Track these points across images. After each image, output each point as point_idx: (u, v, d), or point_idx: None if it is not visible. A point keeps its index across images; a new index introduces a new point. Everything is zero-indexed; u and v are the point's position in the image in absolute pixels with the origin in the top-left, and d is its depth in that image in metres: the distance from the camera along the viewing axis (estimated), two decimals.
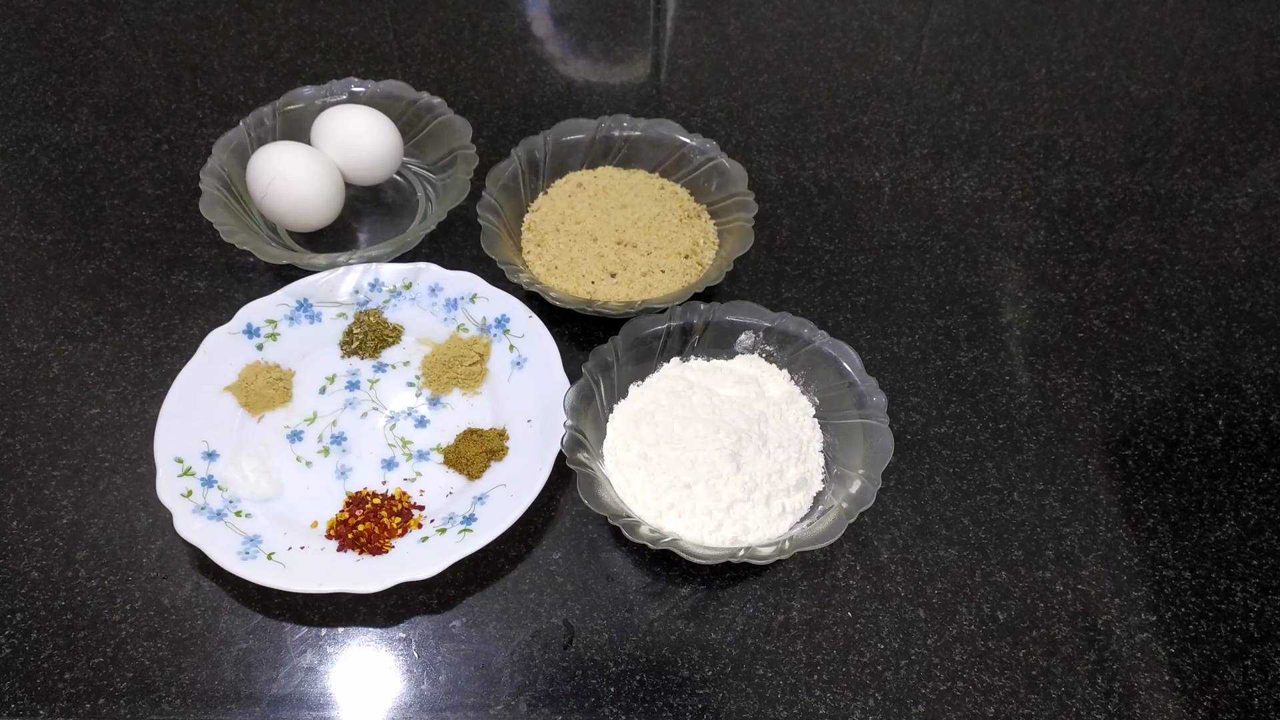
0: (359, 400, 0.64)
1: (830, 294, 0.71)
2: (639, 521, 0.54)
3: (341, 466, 0.61)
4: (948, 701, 0.52)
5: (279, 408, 0.63)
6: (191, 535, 0.55)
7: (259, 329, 0.65)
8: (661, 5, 0.95)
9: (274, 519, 0.57)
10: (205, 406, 0.61)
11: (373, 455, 0.61)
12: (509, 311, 0.65)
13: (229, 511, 0.57)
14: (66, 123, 0.83)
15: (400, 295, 0.67)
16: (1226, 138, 0.83)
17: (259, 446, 0.61)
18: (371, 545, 0.56)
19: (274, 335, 0.65)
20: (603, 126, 0.74)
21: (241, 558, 0.54)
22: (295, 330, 0.65)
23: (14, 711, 0.51)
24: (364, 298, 0.67)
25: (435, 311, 0.67)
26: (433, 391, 0.64)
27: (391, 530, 0.57)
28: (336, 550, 0.56)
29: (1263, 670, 0.53)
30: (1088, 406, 0.64)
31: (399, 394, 0.64)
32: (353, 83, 0.77)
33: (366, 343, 0.65)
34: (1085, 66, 0.89)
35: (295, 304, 0.66)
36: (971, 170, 0.80)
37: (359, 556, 0.56)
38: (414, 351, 0.66)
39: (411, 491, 0.59)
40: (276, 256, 0.67)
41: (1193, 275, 0.72)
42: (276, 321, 0.65)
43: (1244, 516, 0.59)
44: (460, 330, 0.66)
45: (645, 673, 0.53)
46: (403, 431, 0.62)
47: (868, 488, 0.54)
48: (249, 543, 0.55)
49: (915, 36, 0.93)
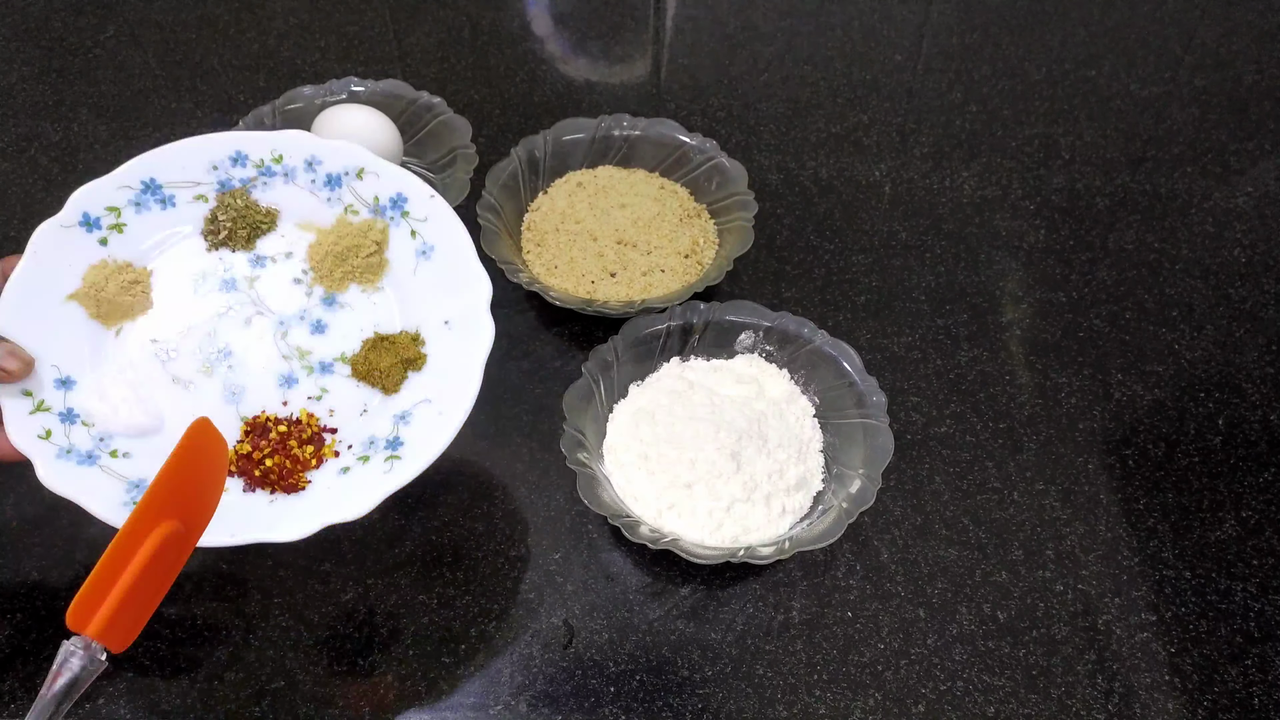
0: (239, 304, 0.55)
1: (830, 294, 0.71)
2: (639, 521, 0.54)
3: (231, 386, 0.53)
4: (948, 701, 0.52)
5: (139, 316, 0.54)
6: (61, 487, 0.47)
7: (98, 219, 0.53)
8: (661, 5, 0.95)
9: (159, 456, 0.48)
10: (47, 321, 0.51)
11: (266, 371, 0.54)
12: (405, 190, 0.56)
13: (101, 452, 0.49)
14: (66, 123, 0.83)
15: (270, 172, 0.56)
16: (1226, 137, 0.83)
17: (124, 369, 0.52)
18: (284, 482, 0.50)
19: (119, 226, 0.54)
20: (603, 126, 0.74)
21: (128, 509, 0.47)
22: (144, 219, 0.54)
23: (14, 712, 0.51)
24: (224, 175, 0.55)
25: (316, 190, 0.56)
26: (326, 289, 0.56)
27: (305, 462, 0.51)
28: (243, 490, 0.50)
29: (1263, 670, 0.53)
30: (1088, 406, 0.64)
31: (286, 293, 0.56)
32: (353, 82, 0.77)
33: (236, 231, 0.56)
34: (1085, 66, 0.89)
35: (140, 185, 0.54)
36: (971, 170, 0.80)
37: (271, 496, 0.50)
38: (295, 240, 0.57)
39: (319, 412, 0.53)
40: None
41: (1193, 275, 0.72)
42: (120, 209, 0.53)
43: (1244, 516, 0.59)
44: (349, 213, 0.56)
45: (645, 673, 0.53)
46: (297, 340, 0.55)
47: (868, 487, 0.54)
48: (134, 489, 0.48)
49: (915, 36, 0.93)
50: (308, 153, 0.56)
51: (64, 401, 0.50)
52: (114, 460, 0.49)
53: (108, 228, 0.53)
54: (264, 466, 0.50)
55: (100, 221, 0.53)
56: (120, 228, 0.54)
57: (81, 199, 0.53)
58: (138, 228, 0.54)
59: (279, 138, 0.55)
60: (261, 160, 0.56)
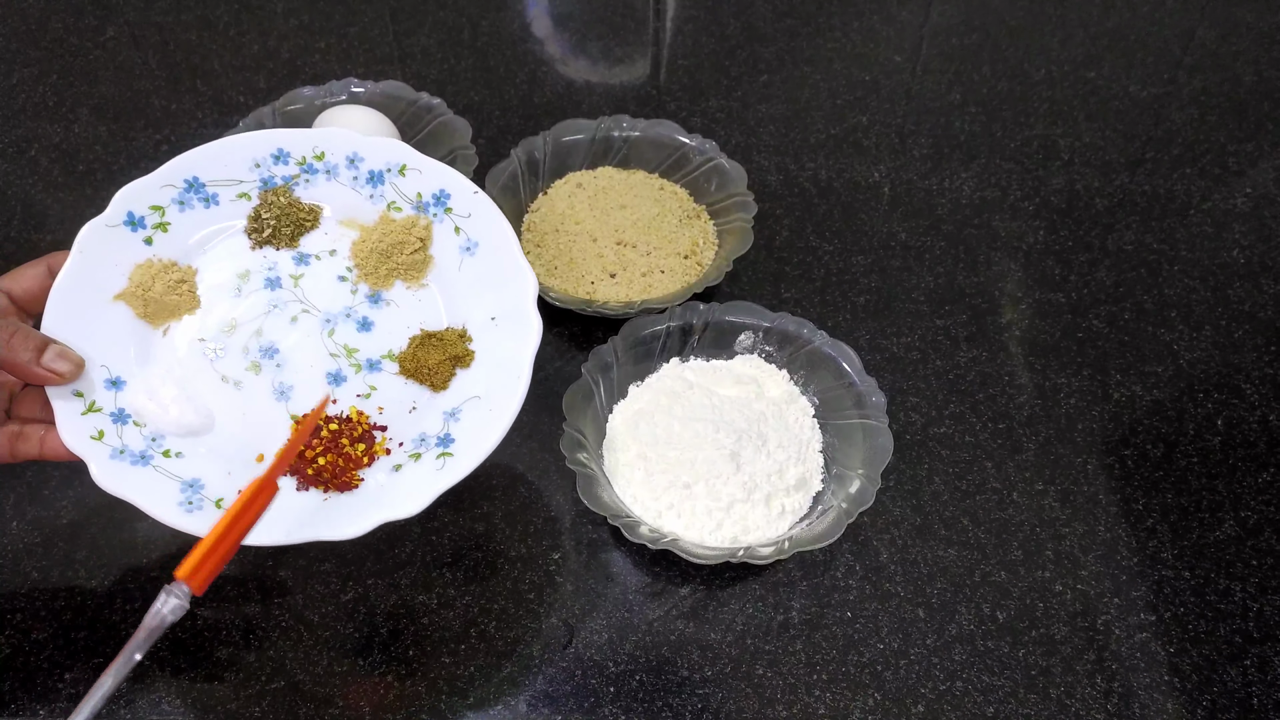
0: (284, 301, 0.55)
1: (830, 294, 0.71)
2: (639, 521, 0.55)
3: (279, 385, 0.53)
4: (947, 701, 0.52)
5: (185, 315, 0.54)
6: (116, 488, 0.47)
7: (143, 218, 0.53)
8: (661, 5, 0.95)
9: (212, 456, 0.50)
10: (94, 322, 0.51)
11: (314, 369, 0.53)
12: (448, 186, 0.56)
13: (154, 452, 0.49)
14: (66, 123, 0.83)
15: (312, 169, 0.56)
16: (1226, 138, 0.83)
17: (172, 368, 0.52)
18: (338, 480, 0.49)
19: (163, 225, 0.54)
20: (602, 127, 0.74)
21: (185, 509, 0.47)
22: (188, 217, 0.54)
23: (14, 711, 0.51)
24: (267, 173, 0.56)
25: (358, 187, 0.56)
26: (371, 286, 0.56)
27: (357, 460, 0.50)
28: (296, 489, 0.49)
29: (1262, 670, 0.53)
30: (1087, 406, 0.64)
31: (331, 290, 0.56)
32: (353, 83, 0.77)
33: (280, 229, 0.56)
34: (1085, 66, 0.89)
35: (184, 184, 0.54)
36: (971, 170, 0.80)
37: (325, 495, 0.49)
38: (339, 237, 0.57)
39: (369, 410, 0.53)
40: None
41: (1192, 275, 0.72)
42: (164, 208, 0.54)
43: (1243, 516, 0.59)
44: (392, 209, 0.56)
45: (645, 673, 0.53)
46: (344, 337, 0.55)
47: (867, 488, 0.55)
48: (189, 489, 0.48)
49: (915, 36, 0.93)
50: (349, 149, 0.56)
51: (115, 402, 0.50)
52: (167, 460, 0.49)
53: (152, 227, 0.54)
54: (317, 465, 0.50)
55: (145, 220, 0.53)
56: (165, 226, 0.54)
57: (126, 198, 0.53)
58: (182, 226, 0.54)
59: (321, 135, 0.56)
60: (303, 157, 0.56)
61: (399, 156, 0.56)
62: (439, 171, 0.55)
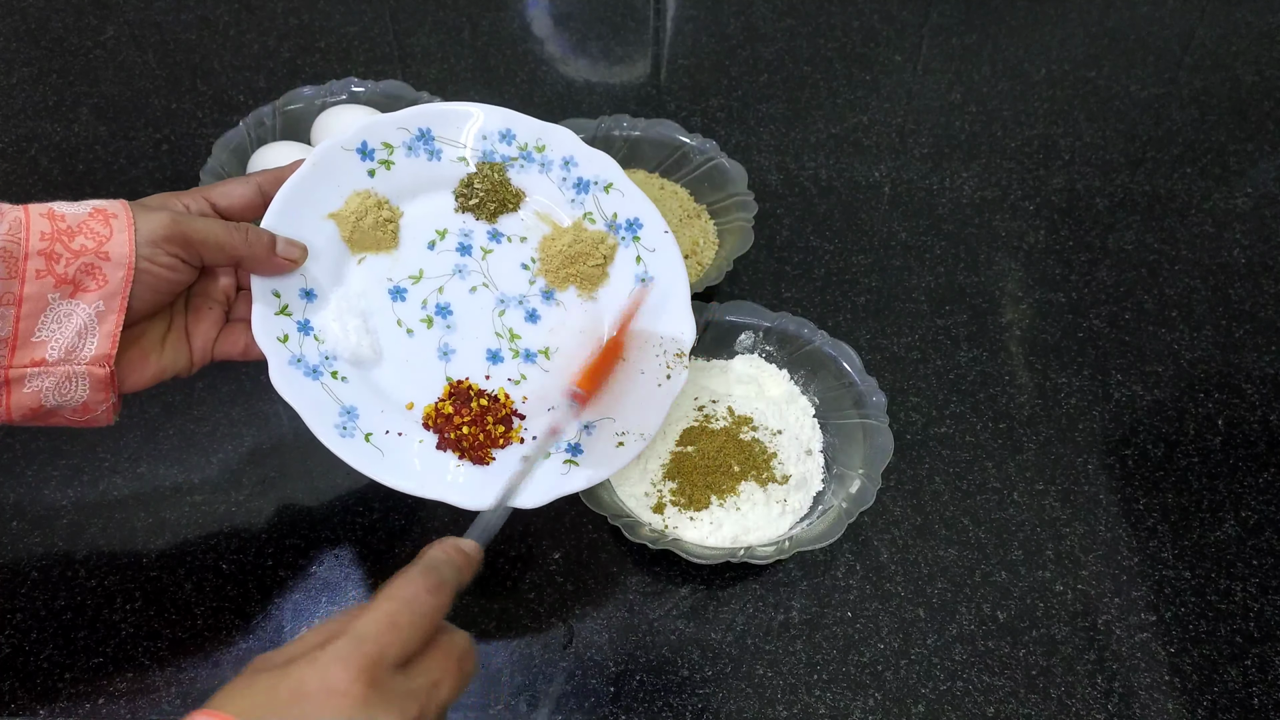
0: (469, 269, 0.57)
1: (830, 294, 0.71)
2: (639, 521, 0.54)
3: (445, 345, 0.56)
4: (948, 701, 0.52)
5: (383, 253, 0.56)
6: (288, 393, 0.51)
7: (374, 151, 0.56)
8: (661, 5, 0.95)
9: (370, 390, 0.53)
10: (306, 232, 0.54)
11: (478, 342, 0.56)
12: (644, 217, 0.58)
13: (325, 370, 0.53)
14: (66, 123, 0.83)
15: (530, 158, 0.59)
16: (1226, 138, 0.83)
17: (360, 296, 0.55)
18: (474, 452, 0.52)
19: (388, 163, 0.57)
20: (603, 126, 0.74)
21: (340, 433, 0.51)
22: (411, 163, 0.57)
23: (14, 711, 0.51)
24: (490, 147, 0.58)
25: (564, 189, 0.59)
26: (548, 283, 0.58)
27: (495, 439, 0.53)
28: (435, 447, 0.53)
29: (1262, 670, 0.53)
30: (1088, 406, 0.64)
31: (512, 275, 0.58)
32: (353, 83, 0.77)
33: (486, 202, 0.58)
34: (1085, 66, 0.89)
35: (417, 132, 0.57)
36: (971, 170, 0.80)
37: (459, 461, 0.52)
38: (532, 227, 0.59)
39: (515, 396, 0.55)
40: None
41: (1193, 275, 0.72)
42: (394, 148, 0.57)
43: (1244, 516, 0.59)
44: (587, 219, 0.58)
45: (645, 673, 0.53)
46: (512, 321, 0.57)
47: (867, 488, 0.55)
48: (346, 415, 0.52)
49: (915, 36, 0.93)
50: (569, 152, 0.58)
51: (303, 311, 0.53)
52: (334, 381, 0.52)
53: (379, 162, 0.56)
54: (460, 432, 0.53)
55: (374, 154, 0.56)
56: (389, 164, 0.56)
57: (366, 129, 0.56)
58: (403, 169, 0.57)
59: (550, 129, 0.58)
60: (526, 144, 0.58)
61: (609, 175, 0.58)
62: (639, 201, 0.58)
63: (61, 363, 0.46)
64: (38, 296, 0.45)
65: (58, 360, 0.46)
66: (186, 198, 0.51)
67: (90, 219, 0.46)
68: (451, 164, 0.58)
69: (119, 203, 0.47)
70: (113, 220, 0.47)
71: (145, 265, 0.47)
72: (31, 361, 0.46)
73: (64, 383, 0.47)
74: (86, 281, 0.46)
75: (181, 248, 0.48)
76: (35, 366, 0.46)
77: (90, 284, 0.46)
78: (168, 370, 0.51)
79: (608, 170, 0.58)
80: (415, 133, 0.57)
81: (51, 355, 0.46)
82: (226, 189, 0.52)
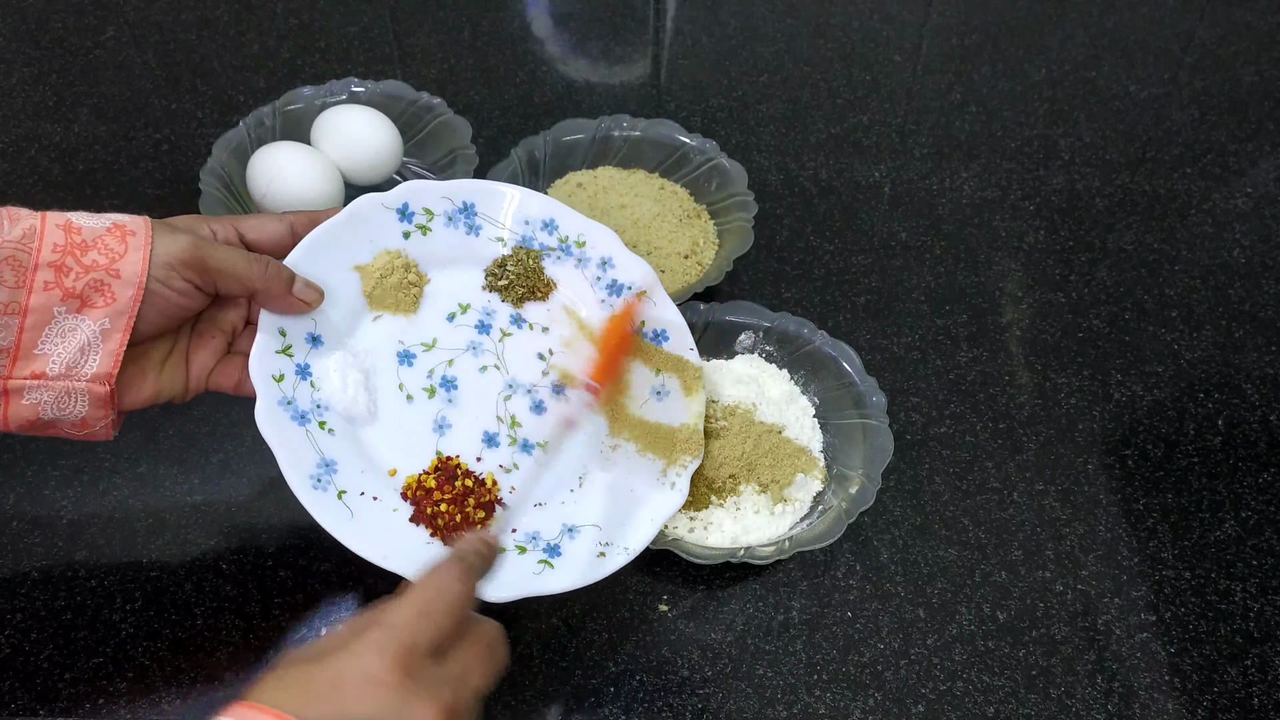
0: (484, 348, 0.56)
1: (830, 294, 0.71)
2: None
3: (442, 418, 0.54)
4: (948, 701, 0.52)
5: (400, 314, 0.56)
6: (269, 433, 0.49)
7: (414, 214, 0.56)
8: (661, 5, 0.95)
9: (356, 448, 0.51)
10: (327, 278, 0.53)
11: (477, 421, 0.55)
12: (672, 329, 0.58)
13: (313, 418, 0.51)
14: (66, 123, 0.83)
15: (569, 251, 0.58)
16: (1226, 138, 0.83)
17: (365, 355, 0.54)
18: (448, 531, 0.50)
19: (425, 228, 0.56)
20: (603, 127, 0.74)
21: (312, 483, 0.49)
22: (449, 233, 0.57)
23: (14, 711, 0.51)
24: (530, 233, 0.58)
25: (597, 288, 0.58)
26: (560, 378, 0.57)
27: (472, 523, 0.51)
28: (409, 519, 0.51)
29: (1263, 670, 0.53)
30: (1088, 406, 0.64)
31: (526, 363, 0.57)
32: (353, 83, 0.77)
33: (515, 285, 0.57)
34: (1085, 66, 0.89)
35: (460, 205, 0.57)
36: (971, 170, 0.80)
37: (430, 538, 0.50)
38: (557, 318, 0.58)
39: (503, 484, 0.54)
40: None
41: (1193, 275, 0.72)
42: (434, 214, 0.56)
43: (1244, 516, 0.59)
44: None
45: (645, 673, 0.53)
46: (516, 408, 0.56)
47: (867, 488, 0.55)
48: (324, 468, 0.50)
49: (915, 36, 0.93)
50: (608, 252, 0.58)
51: (305, 355, 0.52)
52: (319, 431, 0.51)
53: (416, 225, 0.56)
54: (438, 509, 0.51)
55: (414, 217, 0.56)
56: (425, 230, 0.56)
57: (411, 190, 0.56)
58: (439, 238, 0.57)
59: (593, 226, 0.59)
60: (567, 237, 0.58)
61: (644, 281, 0.58)
62: (671, 314, 0.58)
63: (62, 378, 0.46)
64: (43, 308, 0.45)
65: (58, 375, 0.46)
66: (216, 224, 0.50)
67: (107, 234, 0.46)
68: (488, 242, 0.58)
69: (141, 219, 0.47)
70: (130, 238, 0.46)
71: (157, 287, 0.46)
72: (32, 374, 0.45)
73: (63, 398, 0.46)
74: (94, 298, 0.46)
75: (198, 274, 0.47)
76: (35, 379, 0.46)
77: (98, 300, 0.46)
78: (164, 394, 0.50)
79: (645, 278, 0.58)
80: (459, 205, 0.57)
81: (52, 370, 0.46)
82: (258, 223, 0.52)
